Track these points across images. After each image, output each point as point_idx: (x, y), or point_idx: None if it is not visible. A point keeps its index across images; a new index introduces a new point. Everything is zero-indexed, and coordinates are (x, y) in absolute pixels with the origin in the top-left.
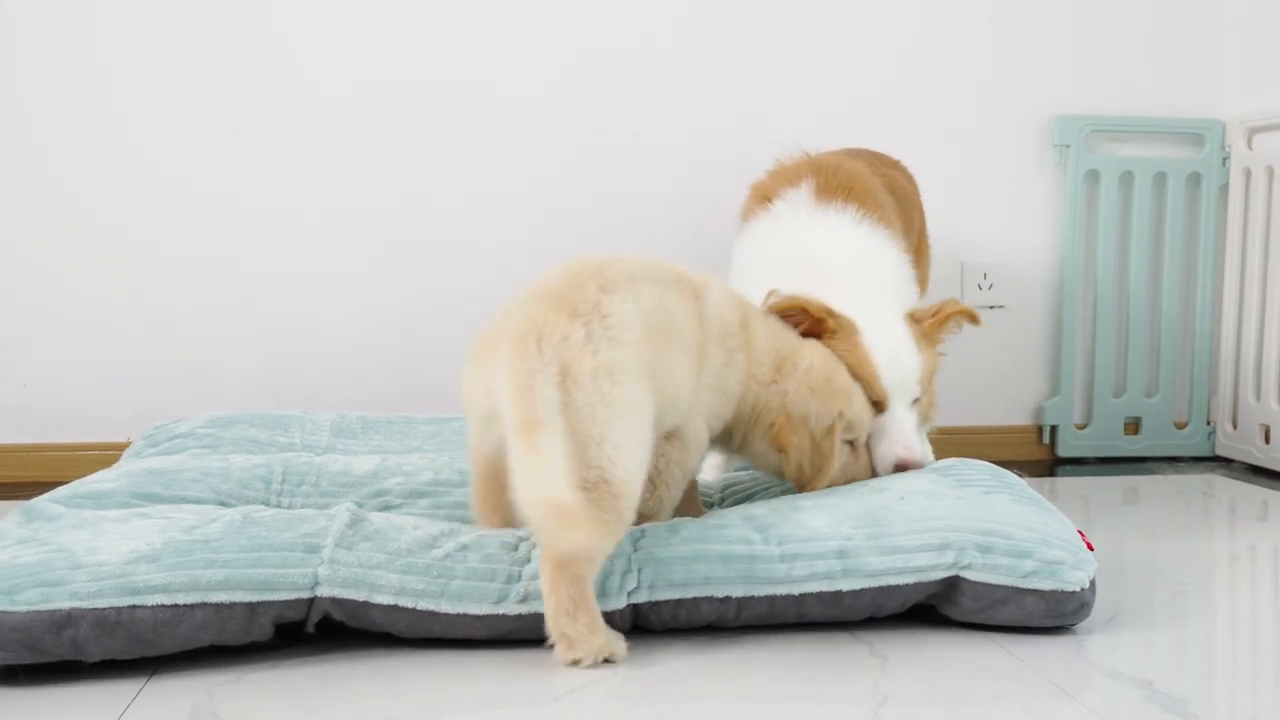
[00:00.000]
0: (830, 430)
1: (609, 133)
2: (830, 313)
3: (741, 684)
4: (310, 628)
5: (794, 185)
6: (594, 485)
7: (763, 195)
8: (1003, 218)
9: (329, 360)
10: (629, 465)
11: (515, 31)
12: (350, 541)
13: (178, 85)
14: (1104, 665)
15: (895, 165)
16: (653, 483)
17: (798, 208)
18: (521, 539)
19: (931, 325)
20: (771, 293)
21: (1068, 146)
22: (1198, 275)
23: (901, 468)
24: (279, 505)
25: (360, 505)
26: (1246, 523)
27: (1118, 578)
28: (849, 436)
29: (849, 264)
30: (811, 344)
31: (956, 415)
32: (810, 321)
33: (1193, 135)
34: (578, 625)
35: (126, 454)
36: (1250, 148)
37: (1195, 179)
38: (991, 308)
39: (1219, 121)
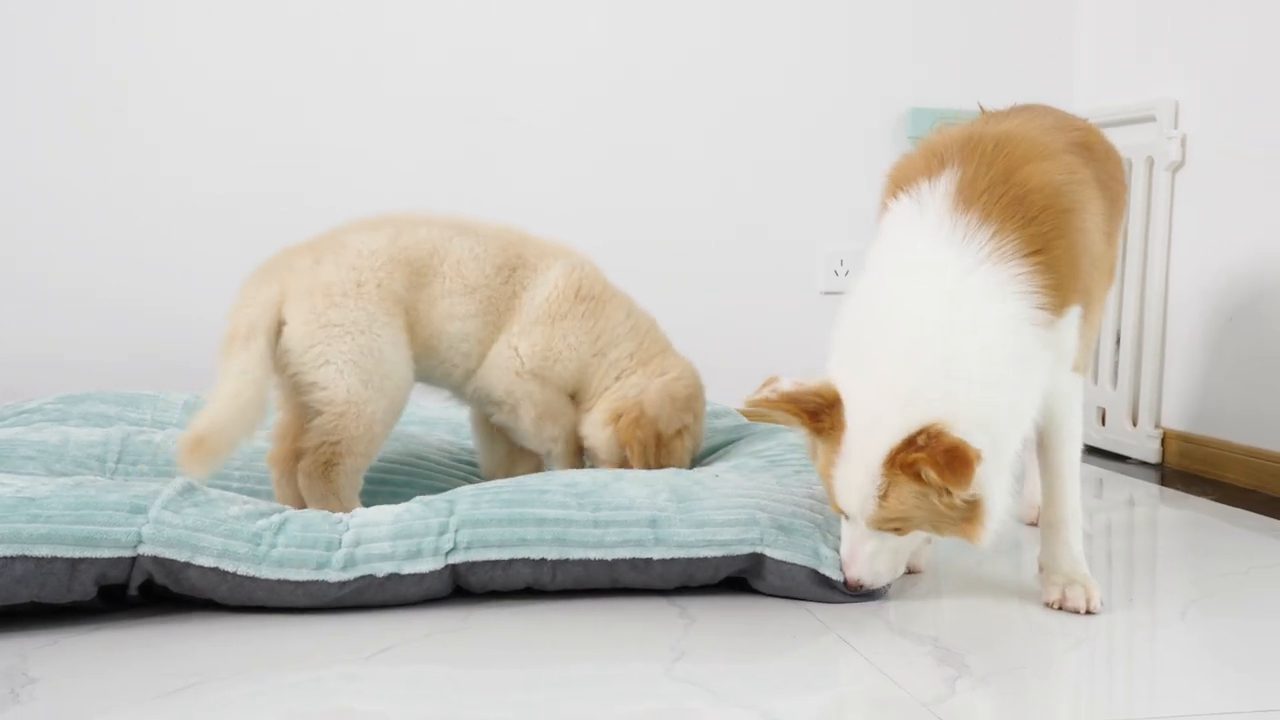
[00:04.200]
0: (680, 433)
1: (481, 118)
2: (826, 408)
3: (549, 644)
4: (133, 590)
5: (932, 176)
6: (321, 407)
7: (896, 183)
8: (859, 207)
9: (205, 344)
10: (351, 383)
11: (400, 25)
12: (178, 506)
13: (53, 62)
14: (897, 624)
15: (1088, 128)
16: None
17: (919, 220)
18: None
19: (900, 462)
20: (770, 381)
21: (921, 138)
22: None
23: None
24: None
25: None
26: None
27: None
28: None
29: (923, 343)
30: (684, 360)
31: None
32: (804, 417)
33: None
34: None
35: None
36: None
37: None
38: None
39: None
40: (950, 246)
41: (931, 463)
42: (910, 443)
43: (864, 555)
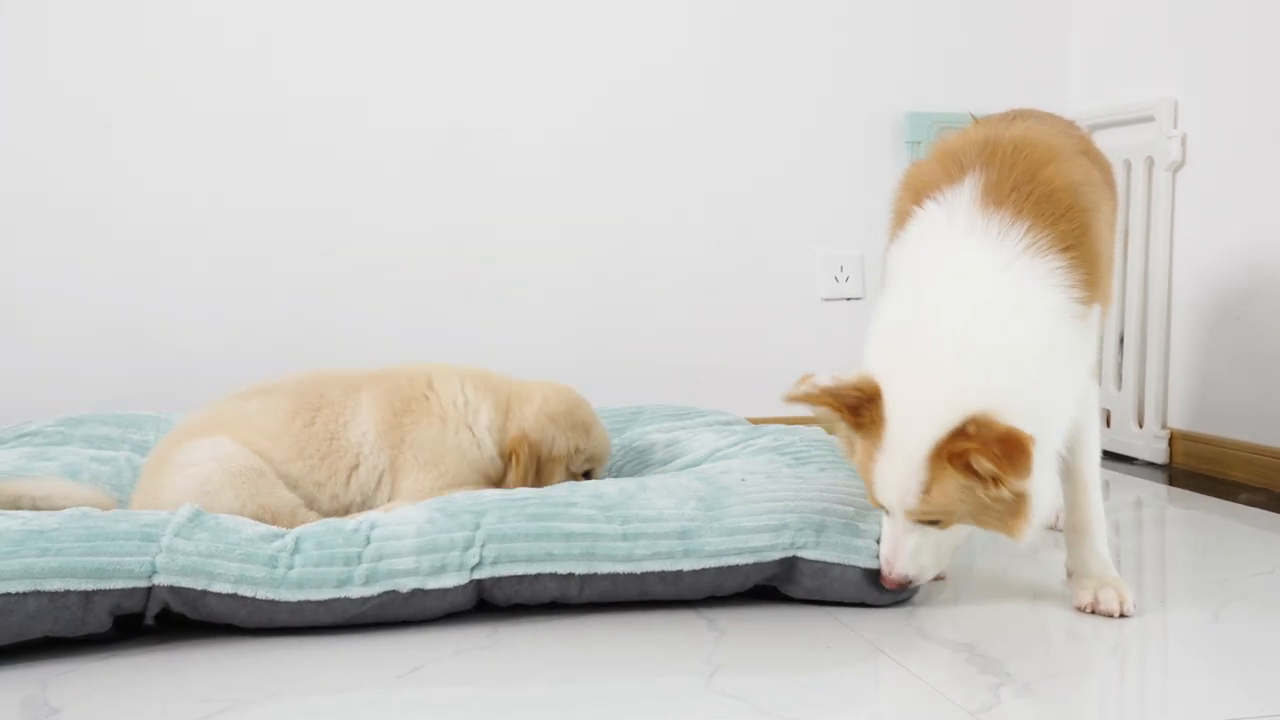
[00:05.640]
0: (559, 459)
1: (475, 131)
2: (866, 402)
3: (581, 659)
4: (150, 619)
5: (955, 180)
6: None
7: (916, 189)
8: (859, 212)
9: (192, 364)
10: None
11: (392, 40)
12: (189, 531)
13: (53, 81)
14: (930, 632)
15: (1084, 135)
16: None
17: (949, 222)
18: (360, 523)
19: (948, 453)
20: (806, 378)
21: (919, 142)
22: None
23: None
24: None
25: None
26: None
27: (954, 553)
28: (587, 467)
29: (967, 334)
30: (543, 382)
31: None
32: (844, 412)
33: None
34: None
35: None
36: None
37: None
38: (848, 299)
39: None
40: (986, 243)
41: (985, 452)
42: (959, 433)
43: (906, 551)
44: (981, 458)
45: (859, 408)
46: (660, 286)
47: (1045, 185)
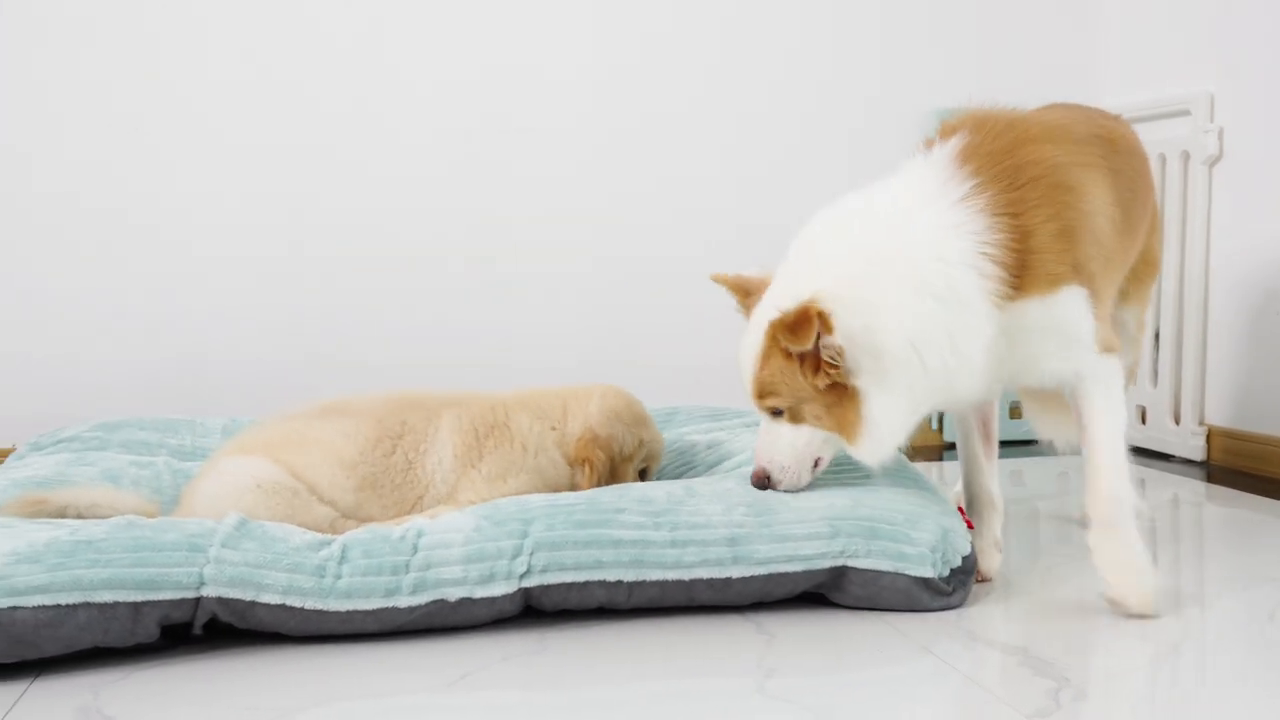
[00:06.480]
0: (630, 457)
1: (501, 133)
2: (758, 291)
3: (630, 664)
4: (198, 629)
5: (944, 142)
6: None
7: (914, 151)
8: None
9: (220, 366)
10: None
11: (391, 41)
12: (235, 541)
13: (68, 84)
14: (981, 634)
15: (1115, 123)
16: None
17: (919, 167)
18: (407, 531)
19: (782, 335)
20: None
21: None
22: None
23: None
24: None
25: None
26: None
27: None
28: (644, 465)
29: (848, 247)
30: (589, 385)
31: None
32: (740, 294)
33: None
34: None
35: (10, 459)
36: None
37: None
38: None
39: None
40: (929, 188)
41: (781, 324)
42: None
43: (768, 444)
44: (779, 330)
45: (751, 293)
46: (660, 286)
47: (1020, 158)
